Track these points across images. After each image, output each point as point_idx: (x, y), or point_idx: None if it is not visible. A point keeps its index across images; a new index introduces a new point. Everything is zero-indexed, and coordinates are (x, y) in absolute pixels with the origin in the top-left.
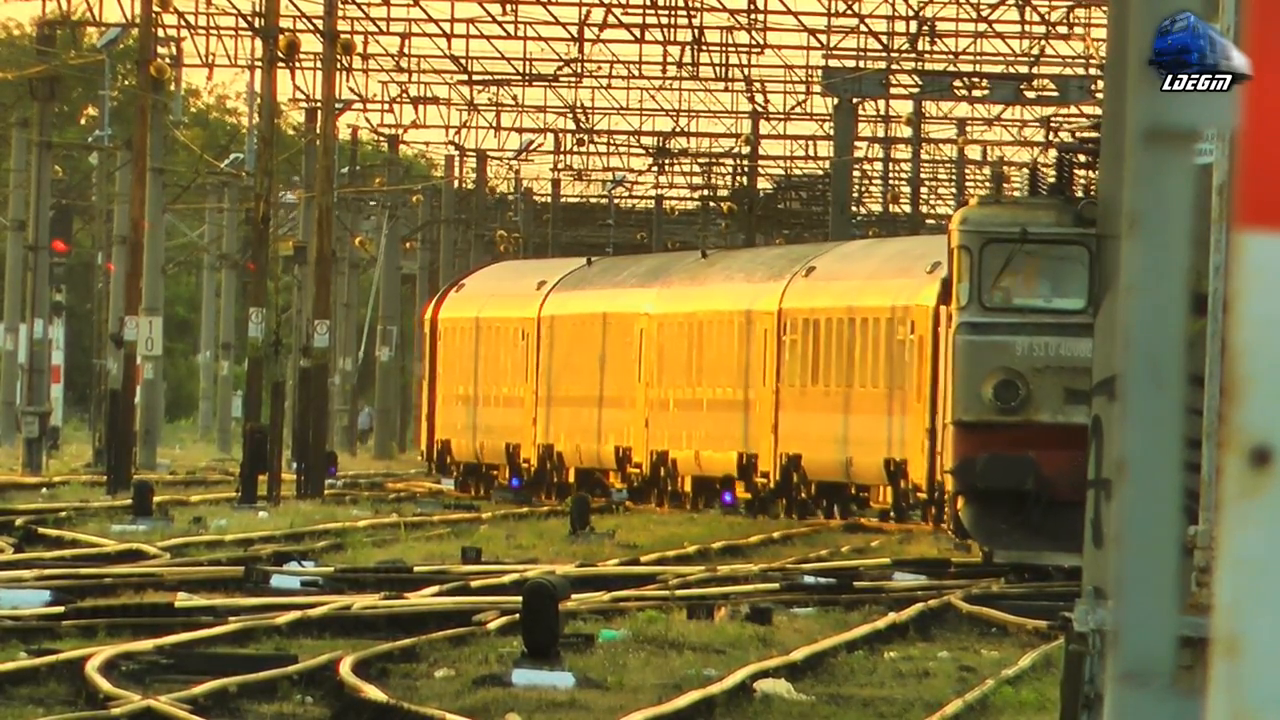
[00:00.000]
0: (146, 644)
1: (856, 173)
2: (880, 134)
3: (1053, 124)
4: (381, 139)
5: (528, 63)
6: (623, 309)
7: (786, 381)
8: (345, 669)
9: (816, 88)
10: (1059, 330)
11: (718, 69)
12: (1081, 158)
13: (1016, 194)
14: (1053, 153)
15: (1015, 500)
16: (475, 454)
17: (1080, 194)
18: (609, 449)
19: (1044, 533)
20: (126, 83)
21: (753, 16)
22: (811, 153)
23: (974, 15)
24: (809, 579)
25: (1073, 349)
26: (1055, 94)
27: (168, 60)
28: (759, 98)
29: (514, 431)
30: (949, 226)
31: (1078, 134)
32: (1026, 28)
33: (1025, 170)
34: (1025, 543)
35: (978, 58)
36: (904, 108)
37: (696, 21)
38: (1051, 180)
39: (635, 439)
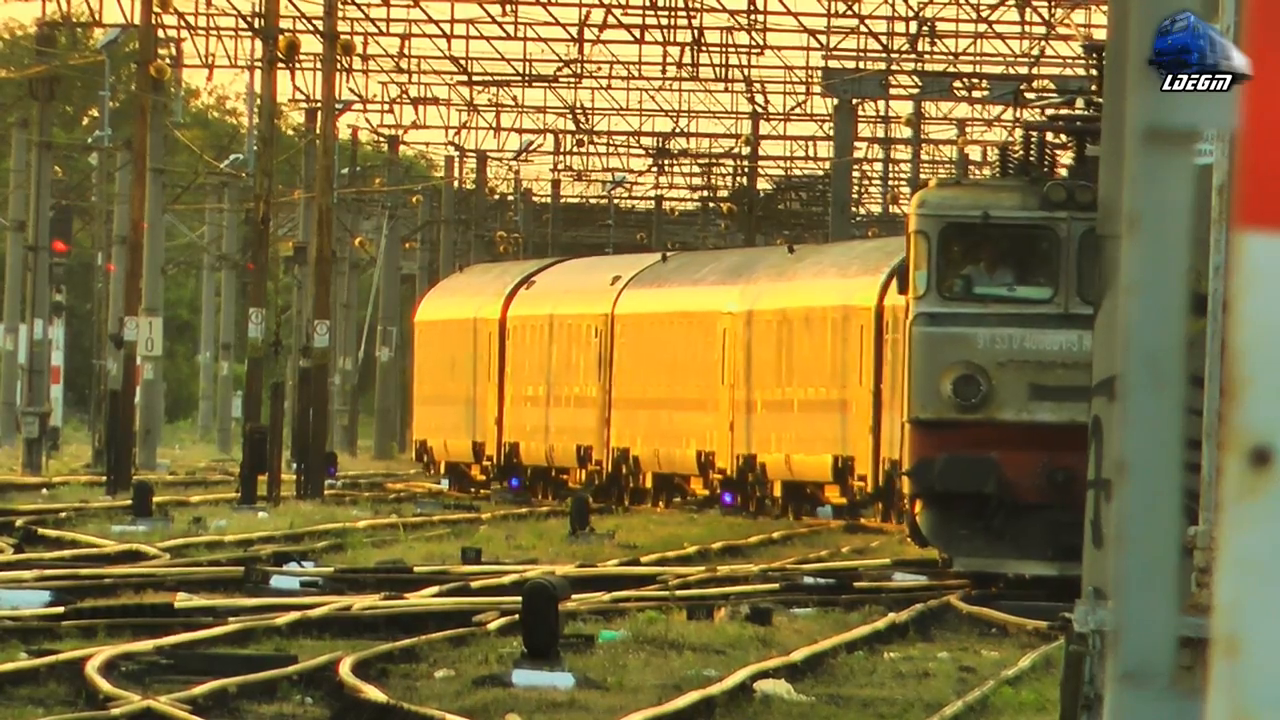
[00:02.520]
0: (146, 644)
1: (856, 173)
2: (880, 134)
3: (1021, 101)
4: (381, 139)
5: (527, 63)
6: (704, 307)
7: (889, 381)
8: (345, 669)
9: (816, 88)
10: (1023, 321)
11: (718, 69)
12: (1051, 137)
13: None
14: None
15: (976, 504)
16: (546, 457)
17: (1050, 175)
18: (690, 453)
19: (1006, 539)
20: (130, 86)
21: (752, 17)
22: (811, 153)
23: (974, 16)
24: (809, 579)
25: (1038, 341)
26: (1055, 95)
27: (168, 61)
28: (759, 98)
29: (585, 433)
30: (907, 210)
31: (1047, 111)
32: (1026, 28)
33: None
34: (986, 549)
35: (978, 58)
36: (904, 108)
37: (696, 22)
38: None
39: (719, 442)
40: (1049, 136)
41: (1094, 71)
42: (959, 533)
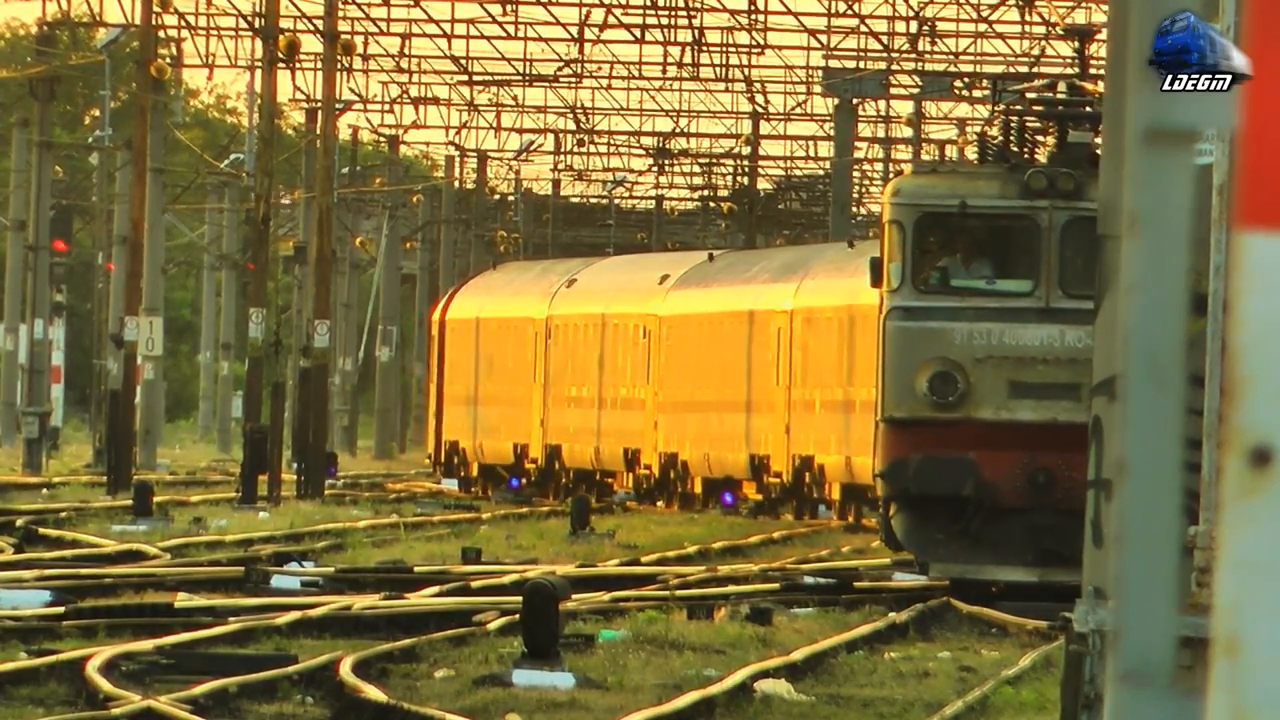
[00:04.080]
0: (146, 644)
1: (856, 173)
2: (880, 134)
3: (1001, 86)
4: (382, 139)
5: (528, 63)
6: (756, 305)
7: None
8: (345, 669)
9: (817, 88)
10: (1003, 316)
11: (718, 69)
12: (1033, 122)
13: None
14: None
15: (953, 507)
16: (592, 460)
17: (1031, 162)
18: (742, 456)
19: (985, 544)
20: (130, 86)
21: (753, 17)
22: (812, 153)
23: (974, 15)
24: (809, 579)
25: (1018, 337)
26: (1035, 79)
27: (168, 61)
28: (759, 98)
29: (632, 436)
30: (881, 199)
31: (1028, 94)
32: (1026, 28)
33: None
34: (964, 555)
35: (978, 58)
36: (904, 108)
37: (696, 22)
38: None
39: (774, 445)
40: (1030, 123)
41: (1075, 54)
42: (935, 537)
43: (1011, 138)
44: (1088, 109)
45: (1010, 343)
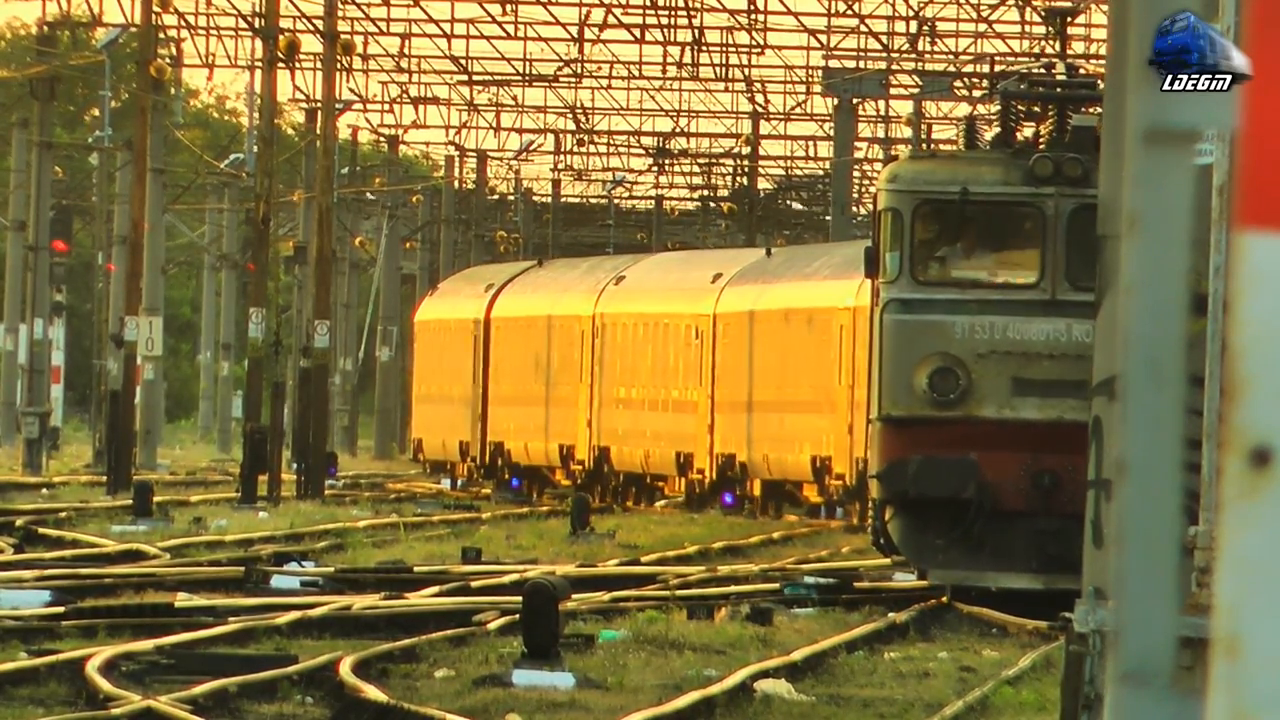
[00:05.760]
0: (146, 644)
1: (856, 173)
2: (880, 134)
3: (998, 68)
4: (381, 139)
5: (528, 63)
6: (818, 303)
7: None
8: (345, 669)
9: (816, 88)
10: (1006, 308)
11: (718, 69)
12: (1033, 107)
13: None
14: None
15: (953, 510)
16: (641, 463)
17: (1033, 147)
18: (804, 458)
19: (987, 549)
20: (130, 85)
21: (753, 17)
22: (812, 153)
23: (974, 15)
24: (809, 579)
25: (1022, 331)
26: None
27: (168, 61)
28: (759, 98)
29: (685, 439)
30: (876, 186)
31: (1029, 73)
32: (1026, 28)
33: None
34: (965, 561)
35: (978, 58)
36: (904, 108)
37: (696, 22)
38: (995, 132)
39: (836, 447)
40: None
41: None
42: (933, 542)
43: (1012, 121)
44: (1085, 91)
45: (1014, 337)
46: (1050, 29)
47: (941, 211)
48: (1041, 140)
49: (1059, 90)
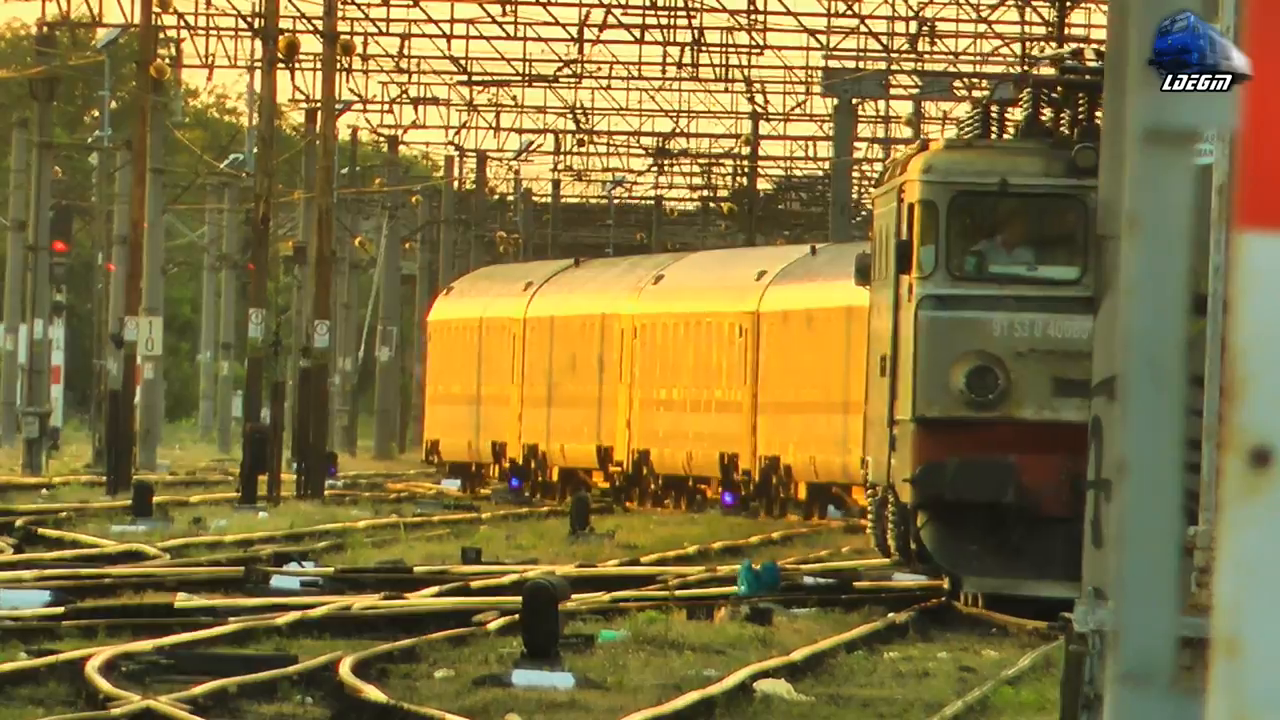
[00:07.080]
0: (146, 644)
1: (856, 173)
2: (880, 134)
3: (1028, 57)
4: (381, 139)
5: (527, 63)
6: (864, 301)
7: None
8: (345, 669)
9: (816, 88)
10: (1046, 305)
11: (718, 69)
12: (1065, 93)
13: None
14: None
15: (991, 516)
16: (684, 465)
17: (1073, 137)
18: (854, 459)
19: (1025, 556)
20: (130, 85)
21: (753, 17)
22: (811, 153)
23: (974, 15)
24: (809, 579)
25: (1063, 328)
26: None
27: (168, 61)
28: (759, 98)
29: (729, 440)
30: (905, 176)
31: (1060, 61)
32: (1026, 28)
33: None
34: (1001, 568)
35: (978, 58)
36: (904, 108)
37: (696, 22)
38: (1021, 120)
39: None
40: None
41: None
42: (969, 549)
43: (1044, 112)
44: None
45: (1055, 335)
46: (1052, 8)
47: (979, 204)
48: (1066, 128)
49: (1088, 77)
